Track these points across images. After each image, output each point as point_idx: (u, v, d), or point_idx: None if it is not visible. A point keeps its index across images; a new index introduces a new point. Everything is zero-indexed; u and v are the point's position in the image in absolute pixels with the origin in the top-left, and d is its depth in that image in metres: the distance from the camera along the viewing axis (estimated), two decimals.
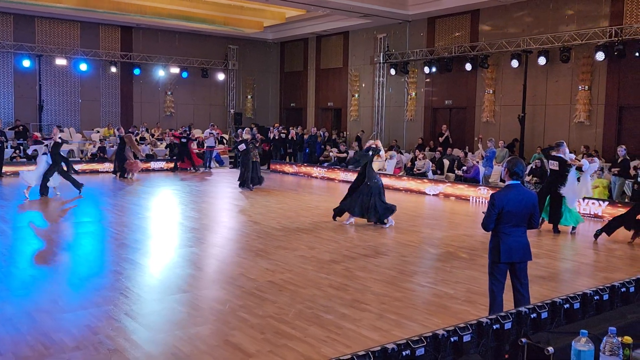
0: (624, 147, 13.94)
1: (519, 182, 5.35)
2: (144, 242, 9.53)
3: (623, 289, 6.53)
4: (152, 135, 24.75)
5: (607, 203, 12.60)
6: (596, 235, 10.35)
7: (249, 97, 29.17)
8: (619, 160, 13.82)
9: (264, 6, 22.61)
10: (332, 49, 26.62)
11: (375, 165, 12.25)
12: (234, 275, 7.61)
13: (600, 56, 16.57)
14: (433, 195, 16.48)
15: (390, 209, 11.11)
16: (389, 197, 11.79)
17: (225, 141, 25.09)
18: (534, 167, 15.80)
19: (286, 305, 6.29)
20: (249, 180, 16.66)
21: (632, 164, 14.09)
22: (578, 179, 10.69)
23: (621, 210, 11.32)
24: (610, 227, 10.24)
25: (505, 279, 5.42)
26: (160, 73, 25.79)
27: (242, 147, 16.72)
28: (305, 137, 23.63)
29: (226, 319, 5.84)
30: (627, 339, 2.56)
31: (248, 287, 7.01)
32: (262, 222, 11.48)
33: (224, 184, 18.41)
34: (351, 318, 5.92)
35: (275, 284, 7.15)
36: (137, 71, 25.15)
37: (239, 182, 16.94)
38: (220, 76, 27.55)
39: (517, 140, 18.53)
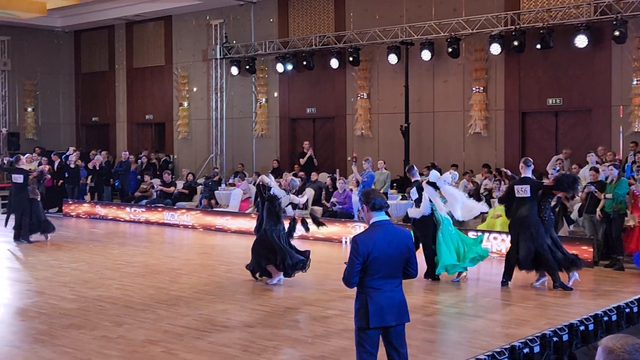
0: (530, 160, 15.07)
1: (387, 218, 5.55)
2: None
3: (526, 350, 7.05)
4: None
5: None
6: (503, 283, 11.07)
7: (29, 110, 27.95)
8: None
9: None
10: (150, 41, 26.36)
11: None
12: None
13: (495, 49, 17.96)
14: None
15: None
16: (230, 242, 11.85)
17: None
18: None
19: None
20: (26, 229, 15.94)
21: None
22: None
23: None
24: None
25: (378, 349, 5.56)
26: None
27: (17, 178, 15.97)
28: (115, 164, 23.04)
29: None
30: None
31: None
32: (47, 291, 11.01)
33: None
34: None
35: None
36: None
37: (14, 232, 16.20)
38: None
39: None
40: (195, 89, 25.10)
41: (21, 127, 27.62)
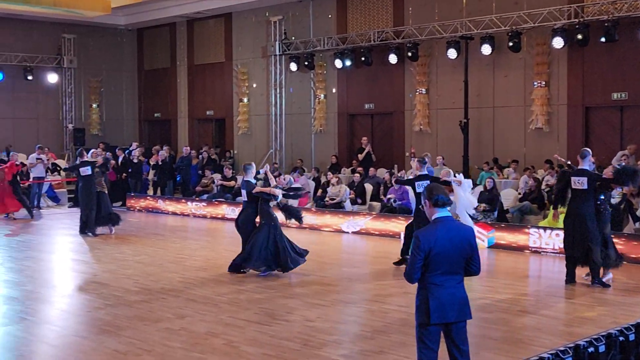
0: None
1: (449, 214, 5.51)
2: None
3: (591, 349, 6.91)
4: None
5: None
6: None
7: (94, 106, 28.53)
8: None
9: None
10: (210, 38, 26.64)
11: None
12: None
13: (558, 43, 17.61)
14: (352, 232, 16.69)
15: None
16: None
17: (60, 170, 24.27)
18: (482, 190, 16.42)
19: None
20: (93, 222, 16.26)
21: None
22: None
23: None
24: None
25: (439, 346, 5.53)
26: None
27: (85, 171, 16.30)
28: (177, 160, 23.35)
29: None
30: None
31: None
32: (111, 283, 11.22)
33: (59, 231, 17.90)
34: None
35: None
36: None
37: (79, 225, 16.56)
38: (52, 78, 26.81)
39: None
40: (254, 85, 25.29)
41: (86, 123, 28.24)
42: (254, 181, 12.14)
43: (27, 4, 23.37)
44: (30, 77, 26.04)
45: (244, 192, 11.98)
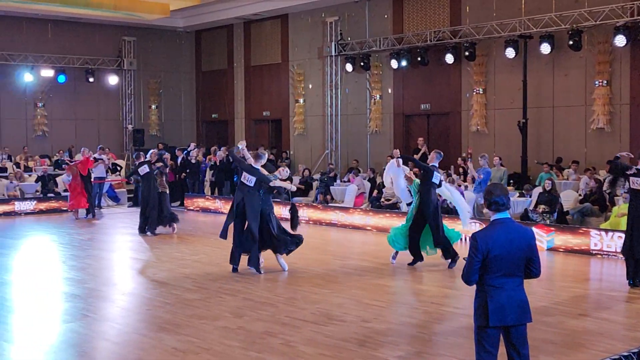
0: None
1: (508, 215, 5.44)
2: (1, 319, 9.29)
3: None
4: (17, 165, 24.24)
5: None
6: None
7: (153, 107, 29.01)
8: None
9: None
10: (267, 39, 26.81)
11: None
12: None
13: (620, 41, 17.20)
14: None
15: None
16: (345, 237, 11.94)
17: (120, 169, 24.71)
18: (542, 191, 16.16)
19: None
20: (154, 223, 16.50)
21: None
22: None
23: None
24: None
25: (498, 349, 5.47)
26: (27, 77, 25.38)
27: (143, 170, 16.56)
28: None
29: None
30: None
31: None
32: (170, 282, 11.38)
33: (119, 230, 18.22)
34: None
35: None
36: None
37: (139, 224, 16.82)
38: (113, 79, 27.33)
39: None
40: (310, 86, 25.36)
41: (146, 123, 28.73)
42: (265, 172, 12.16)
43: (89, 7, 23.86)
44: (91, 79, 26.60)
45: (252, 178, 11.87)
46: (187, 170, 22.81)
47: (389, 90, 23.07)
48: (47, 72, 25.56)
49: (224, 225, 12.22)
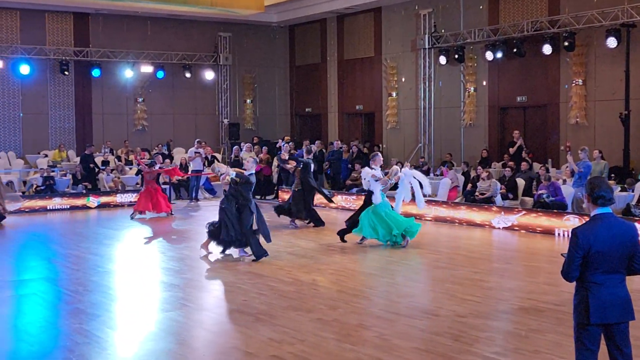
0: None
1: (610, 210, 5.29)
2: (105, 307, 9.59)
3: None
4: (119, 159, 25.07)
5: None
6: None
7: (248, 101, 29.49)
8: None
9: None
10: (360, 33, 26.82)
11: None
12: (225, 350, 7.64)
13: None
14: (503, 228, 16.34)
15: None
16: (437, 231, 11.83)
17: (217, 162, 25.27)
18: None
19: None
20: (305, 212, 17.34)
21: None
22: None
23: None
24: None
25: (599, 347, 5.34)
26: (128, 74, 26.21)
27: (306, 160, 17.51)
28: (326, 153, 23.67)
29: None
30: None
31: None
32: (265, 273, 11.53)
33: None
34: None
35: None
36: (96, 72, 25.61)
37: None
38: (209, 75, 27.93)
39: None
40: (403, 79, 25.24)
41: (241, 117, 29.24)
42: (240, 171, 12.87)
43: (186, 4, 24.47)
44: (188, 75, 27.25)
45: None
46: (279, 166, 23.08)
47: (484, 83, 22.71)
48: (147, 68, 26.35)
49: (263, 231, 12.84)
